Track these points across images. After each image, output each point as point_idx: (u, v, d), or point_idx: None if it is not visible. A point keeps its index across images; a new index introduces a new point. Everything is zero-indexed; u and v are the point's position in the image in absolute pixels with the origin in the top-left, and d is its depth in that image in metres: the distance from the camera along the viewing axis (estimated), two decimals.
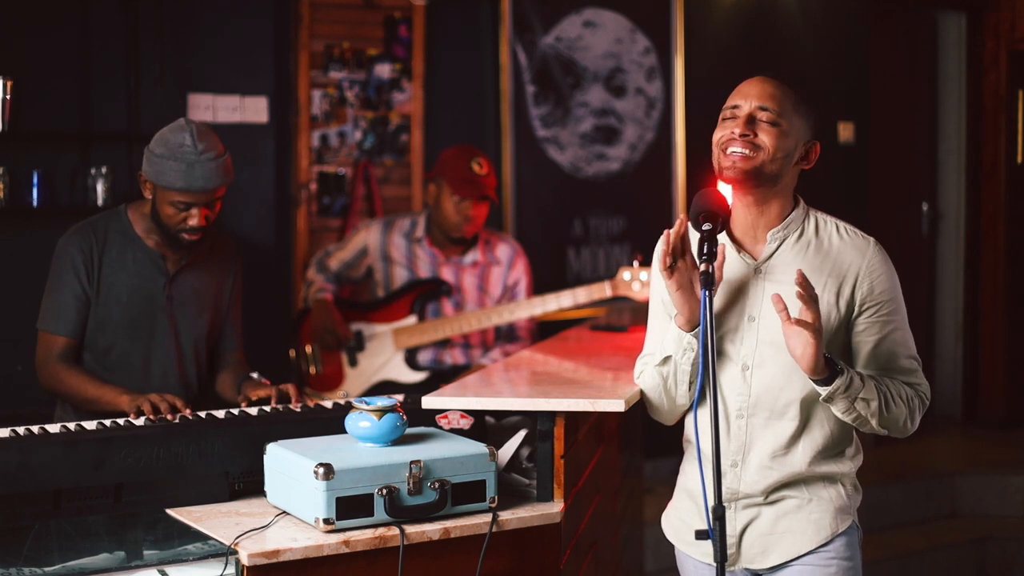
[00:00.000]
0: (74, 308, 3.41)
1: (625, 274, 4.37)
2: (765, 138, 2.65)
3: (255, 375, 3.51)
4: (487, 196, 4.65)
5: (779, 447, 2.71)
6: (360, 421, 2.80)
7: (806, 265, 2.70)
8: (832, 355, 2.62)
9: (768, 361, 2.69)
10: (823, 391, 2.60)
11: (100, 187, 4.88)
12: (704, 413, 2.69)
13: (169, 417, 3.07)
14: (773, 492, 2.73)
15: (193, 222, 3.36)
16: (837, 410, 2.64)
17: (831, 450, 2.74)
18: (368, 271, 4.87)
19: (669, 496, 2.97)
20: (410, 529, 2.72)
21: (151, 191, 3.40)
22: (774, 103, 2.67)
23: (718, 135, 2.71)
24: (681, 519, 2.88)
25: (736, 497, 2.73)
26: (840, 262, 2.70)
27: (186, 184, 3.31)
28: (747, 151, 2.64)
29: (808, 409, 2.70)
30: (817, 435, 2.72)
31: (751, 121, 2.66)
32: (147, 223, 3.46)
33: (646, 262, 4.21)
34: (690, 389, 2.77)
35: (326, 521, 2.66)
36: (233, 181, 3.44)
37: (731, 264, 2.72)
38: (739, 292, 2.71)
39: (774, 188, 2.69)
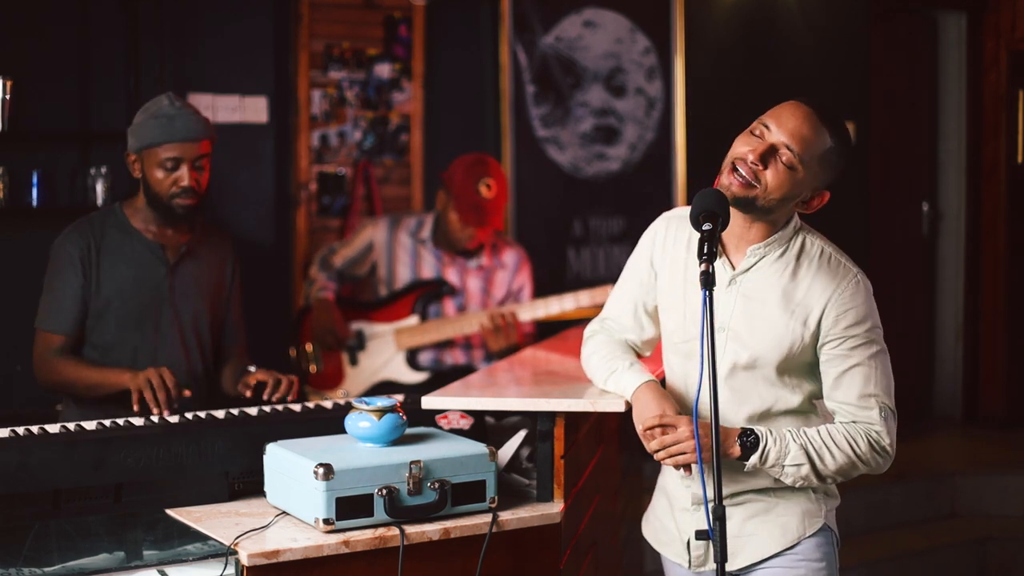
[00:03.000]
0: (71, 306, 3.42)
1: None
2: (771, 177, 2.60)
3: (253, 368, 3.52)
4: (491, 224, 4.68)
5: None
6: (360, 421, 2.80)
7: (778, 287, 2.68)
8: (751, 427, 2.64)
9: (735, 375, 2.69)
10: (747, 465, 2.64)
11: (100, 187, 4.88)
12: (704, 412, 2.69)
13: (166, 414, 3.09)
14: (738, 495, 2.74)
15: (184, 182, 3.39)
16: (773, 475, 2.67)
17: None
18: (372, 268, 4.87)
19: None
20: (410, 529, 2.72)
21: (139, 168, 3.43)
22: (803, 147, 2.60)
23: (737, 148, 2.65)
24: (657, 518, 2.91)
25: (700, 501, 2.71)
26: (812, 289, 2.67)
27: (169, 135, 3.37)
28: (748, 179, 2.60)
29: (773, 423, 2.70)
30: None
31: (770, 152, 2.60)
32: (143, 215, 3.48)
33: None
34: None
35: (326, 521, 2.66)
36: (233, 181, 3.46)
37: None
38: (714, 298, 2.70)
39: (765, 218, 2.68)
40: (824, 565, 2.75)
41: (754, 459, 2.62)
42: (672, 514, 2.85)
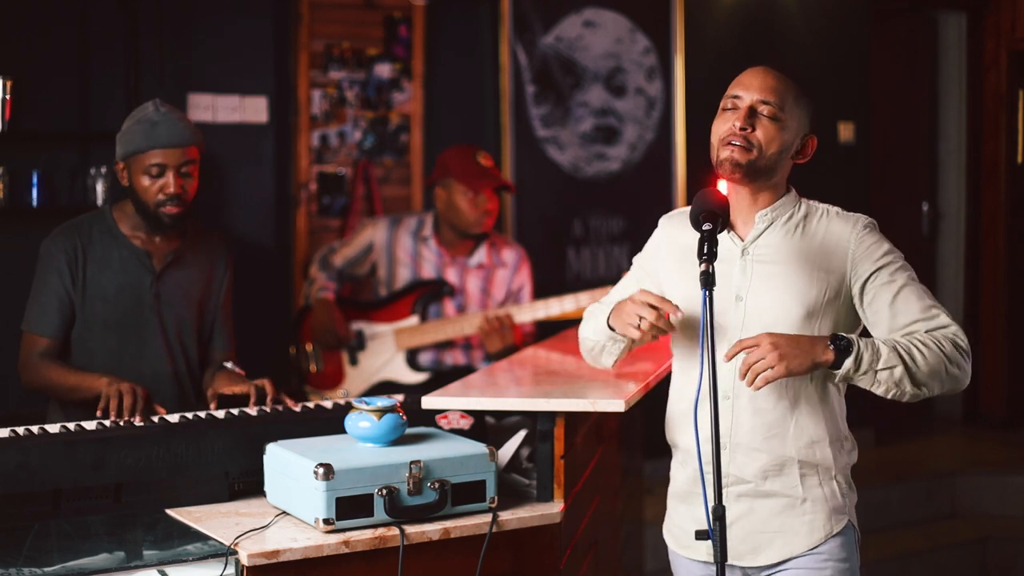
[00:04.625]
0: (56, 309, 3.41)
1: None
2: (762, 133, 2.67)
3: (228, 364, 3.50)
4: (504, 186, 4.68)
5: (768, 428, 2.69)
6: (360, 421, 2.80)
7: (793, 247, 2.70)
8: (837, 332, 2.62)
9: None
10: (836, 374, 2.59)
11: (100, 187, 4.88)
12: (704, 411, 2.68)
13: (129, 418, 3.06)
14: (765, 480, 2.70)
15: (169, 189, 3.35)
16: (865, 386, 2.61)
17: (823, 435, 2.70)
18: (372, 268, 4.87)
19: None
20: (410, 529, 2.72)
21: (127, 176, 3.41)
22: (775, 96, 2.68)
23: (719, 128, 2.72)
24: (678, 525, 2.87)
25: (728, 482, 2.71)
26: (828, 239, 2.71)
27: (152, 141, 3.33)
28: (744, 145, 2.66)
29: (796, 391, 2.68)
30: (807, 418, 2.69)
31: (752, 114, 2.68)
32: (132, 221, 3.46)
33: None
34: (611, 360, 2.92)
35: (326, 521, 2.66)
36: (233, 181, 3.45)
37: (720, 247, 2.73)
38: (726, 272, 2.71)
39: (769, 181, 2.72)
40: (849, 565, 2.73)
41: (848, 363, 2.55)
42: (691, 514, 2.81)
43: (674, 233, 2.85)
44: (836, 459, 2.73)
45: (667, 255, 2.85)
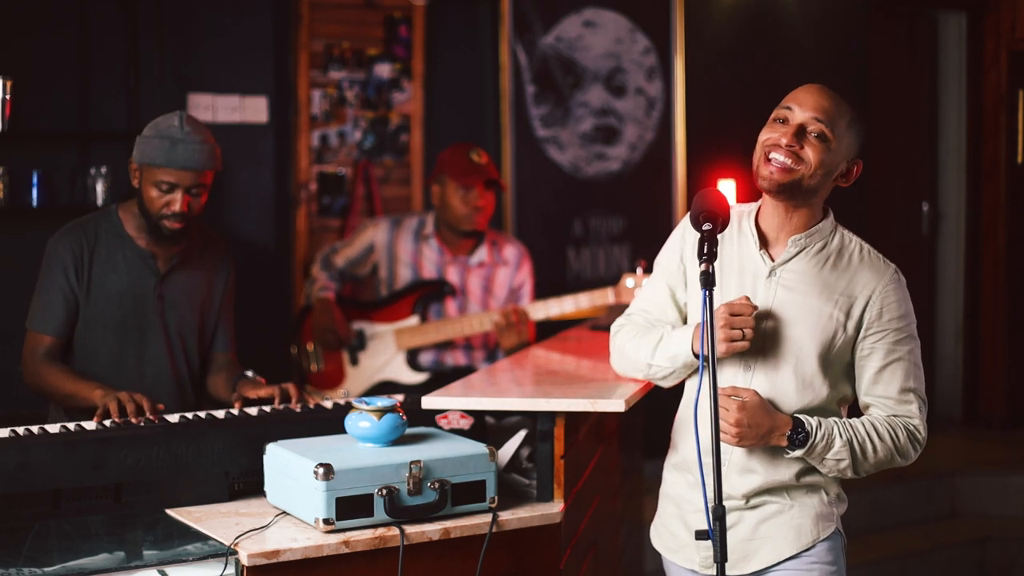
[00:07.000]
0: (62, 308, 3.41)
1: (628, 280, 4.37)
2: (810, 153, 2.64)
3: (250, 373, 3.50)
4: (492, 180, 4.66)
5: (767, 453, 2.70)
6: (360, 421, 2.80)
7: (819, 279, 2.69)
8: (801, 416, 2.65)
9: (770, 367, 2.69)
10: (790, 453, 2.66)
11: (100, 187, 4.88)
12: (704, 413, 2.68)
13: (134, 420, 3.03)
14: (755, 496, 2.73)
15: (175, 207, 3.34)
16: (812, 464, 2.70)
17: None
18: (373, 269, 4.87)
19: None
20: (410, 529, 2.72)
21: (139, 178, 3.40)
22: (826, 116, 2.65)
23: (765, 136, 2.69)
24: (665, 526, 2.88)
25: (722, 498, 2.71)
26: (855, 281, 2.70)
27: (167, 160, 3.31)
28: (789, 162, 2.63)
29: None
30: None
31: (800, 132, 2.65)
32: (138, 222, 3.46)
33: (649, 269, 4.21)
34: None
35: (326, 521, 2.66)
36: (233, 181, 3.45)
37: (749, 260, 2.73)
38: (752, 291, 2.71)
39: (808, 201, 2.71)
40: (836, 569, 2.75)
41: (797, 452, 2.65)
42: (682, 519, 2.83)
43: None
44: (827, 478, 2.75)
45: (694, 252, 2.81)
